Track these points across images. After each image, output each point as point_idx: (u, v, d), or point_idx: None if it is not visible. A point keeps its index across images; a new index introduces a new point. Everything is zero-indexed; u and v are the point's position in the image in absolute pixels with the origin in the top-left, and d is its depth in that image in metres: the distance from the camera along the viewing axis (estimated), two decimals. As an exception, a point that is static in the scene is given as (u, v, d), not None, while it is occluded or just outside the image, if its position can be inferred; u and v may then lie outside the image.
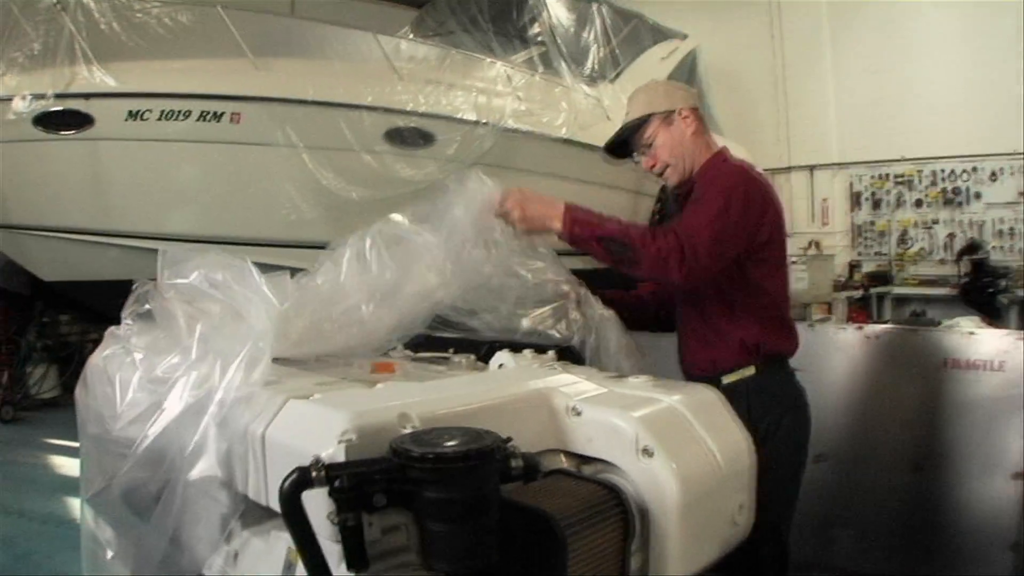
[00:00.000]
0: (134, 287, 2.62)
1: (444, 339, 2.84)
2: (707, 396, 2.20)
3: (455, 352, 2.75)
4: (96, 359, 2.72)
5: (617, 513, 1.81)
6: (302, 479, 1.51)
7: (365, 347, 2.56)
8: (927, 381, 4.59)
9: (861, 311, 13.42)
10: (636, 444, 1.88)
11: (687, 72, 13.88)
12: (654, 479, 1.86)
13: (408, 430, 1.66)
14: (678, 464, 1.87)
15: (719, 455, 2.01)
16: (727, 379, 3.25)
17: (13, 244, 8.69)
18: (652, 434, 1.87)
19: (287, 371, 2.38)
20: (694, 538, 1.93)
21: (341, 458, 1.59)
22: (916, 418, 4.62)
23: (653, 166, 3.49)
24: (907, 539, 4.63)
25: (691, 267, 2.97)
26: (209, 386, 2.06)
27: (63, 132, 8.11)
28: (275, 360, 2.49)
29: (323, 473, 1.50)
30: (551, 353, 2.52)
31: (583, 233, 3.09)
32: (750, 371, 3.27)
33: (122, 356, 2.56)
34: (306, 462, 1.54)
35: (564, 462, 2.01)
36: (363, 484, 1.52)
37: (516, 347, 2.55)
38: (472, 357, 2.65)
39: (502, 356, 2.47)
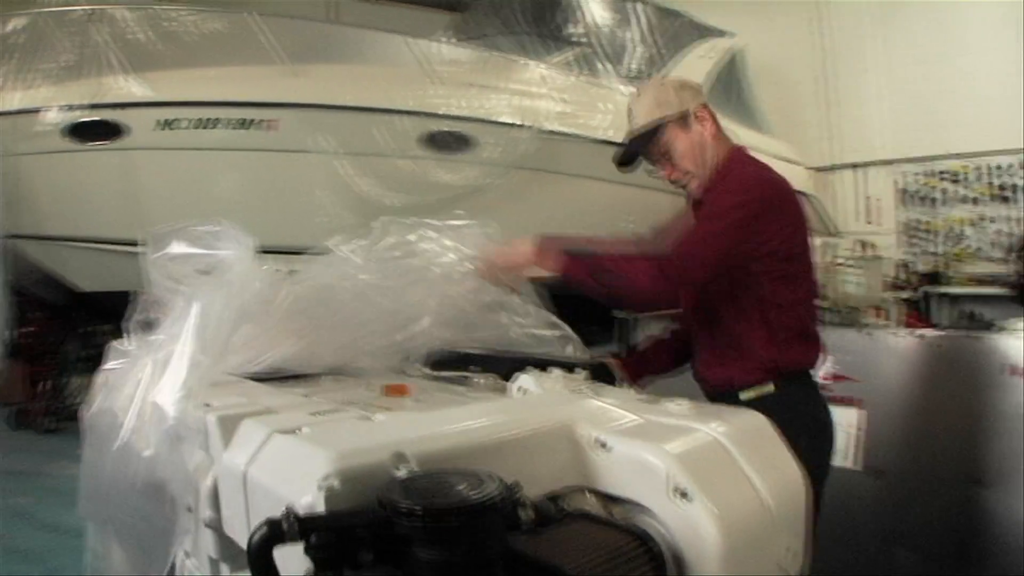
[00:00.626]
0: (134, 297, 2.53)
1: (469, 355, 2.65)
2: (754, 424, 1.92)
3: (478, 370, 2.51)
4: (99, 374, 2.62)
5: (647, 565, 1.56)
6: (272, 533, 1.29)
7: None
8: (987, 389, 4.34)
9: (913, 312, 13.09)
10: (669, 484, 1.61)
11: (730, 70, 13.66)
12: (690, 524, 1.59)
13: (403, 473, 1.42)
14: (718, 507, 1.59)
15: (767, 494, 1.73)
16: (745, 395, 3.03)
17: (49, 255, 8.69)
18: (688, 473, 1.61)
19: (287, 394, 2.23)
20: (737, 589, 1.66)
21: (320, 508, 1.36)
22: (976, 429, 4.36)
23: (673, 176, 3.28)
24: (968, 558, 4.37)
25: (662, 287, 2.91)
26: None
27: (95, 142, 8.06)
28: (282, 379, 2.36)
29: (296, 527, 1.28)
30: (581, 373, 2.26)
31: (569, 264, 2.92)
32: (769, 388, 3.03)
33: (122, 368, 2.45)
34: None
35: (590, 501, 1.76)
36: (345, 540, 1.29)
37: (544, 364, 2.30)
38: (494, 377, 2.40)
39: (524, 379, 2.21)
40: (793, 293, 3.11)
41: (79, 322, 10.47)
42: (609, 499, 1.75)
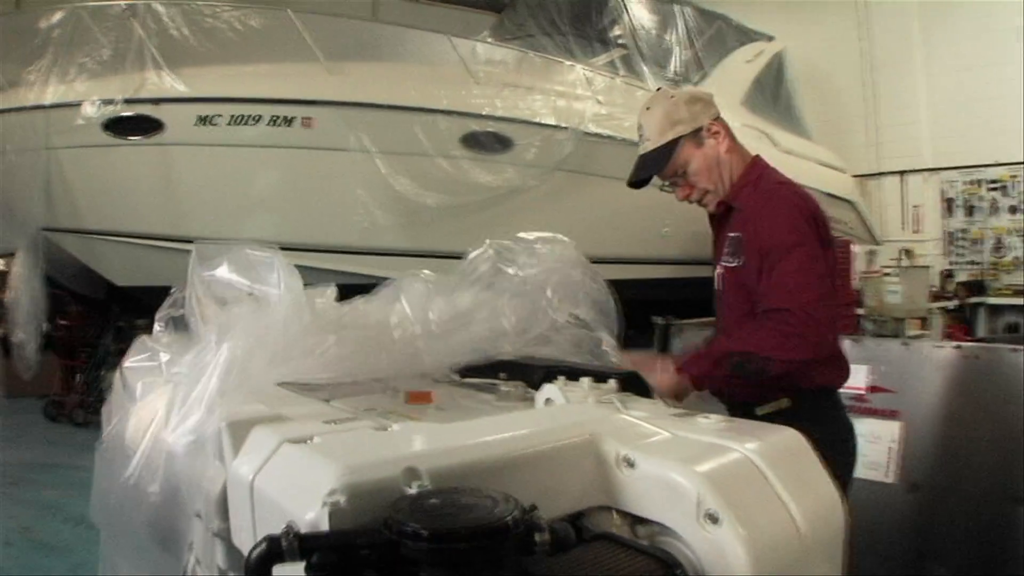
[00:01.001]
0: (172, 291, 2.46)
1: (499, 362, 2.57)
2: (790, 443, 1.80)
3: (506, 378, 2.43)
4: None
5: (672, 594, 1.47)
6: (270, 552, 1.21)
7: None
8: (1030, 405, 4.21)
9: (956, 323, 12.92)
10: (698, 507, 1.51)
11: (774, 75, 13.57)
12: (719, 550, 1.49)
13: (414, 490, 1.34)
14: (749, 532, 1.48)
15: (801, 518, 1.61)
16: (760, 410, 2.93)
17: (86, 249, 8.74)
18: (718, 495, 1.50)
19: (306, 400, 2.15)
20: (768, 622, 1.54)
21: (324, 525, 1.28)
22: (1015, 445, 4.22)
23: (689, 196, 3.22)
24: (1007, 579, 4.23)
25: (814, 340, 2.83)
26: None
27: (133, 137, 8.09)
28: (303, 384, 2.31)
29: (295, 545, 1.20)
30: (612, 383, 2.16)
31: (707, 373, 2.87)
32: (784, 403, 2.94)
33: (146, 364, 2.50)
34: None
35: (616, 522, 1.67)
36: (348, 560, 1.21)
37: (574, 374, 2.20)
38: (523, 386, 2.31)
39: (550, 389, 2.11)
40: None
41: (115, 316, 10.48)
42: (634, 520, 1.66)
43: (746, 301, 3.08)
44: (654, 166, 3.17)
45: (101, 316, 10.92)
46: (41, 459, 9.19)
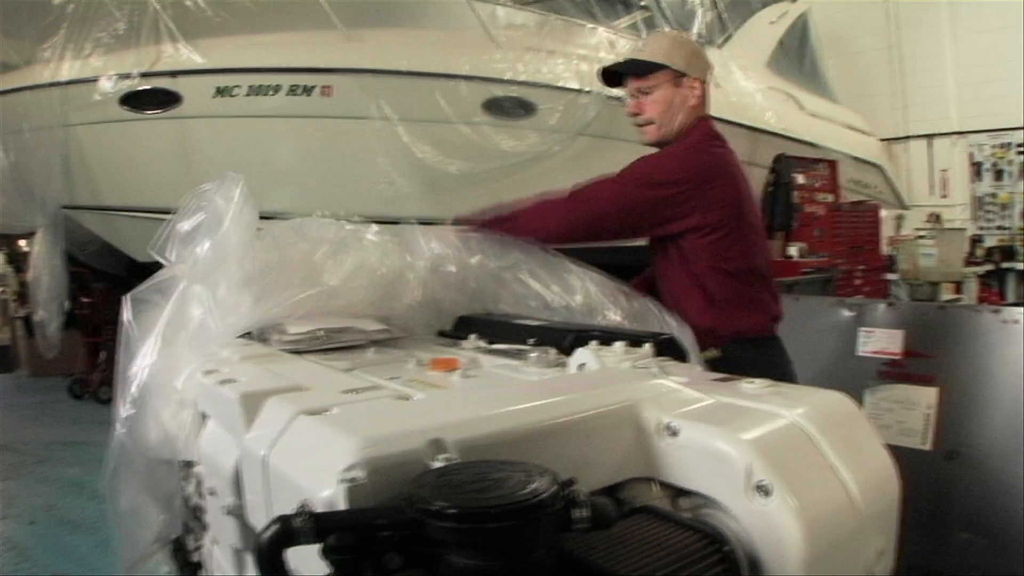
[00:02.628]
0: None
1: (526, 327, 2.48)
2: (841, 408, 1.66)
3: (535, 343, 2.31)
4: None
5: (718, 571, 1.34)
6: (283, 533, 1.09)
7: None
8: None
9: (988, 288, 12.79)
10: (748, 478, 1.39)
11: (798, 36, 13.42)
12: (770, 524, 1.37)
13: (440, 463, 1.23)
14: (801, 503, 1.37)
15: (855, 489, 1.49)
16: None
17: (106, 226, 8.73)
18: (769, 465, 1.38)
19: (325, 369, 2.08)
20: (821, 598, 1.41)
21: (341, 504, 1.17)
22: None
23: (637, 114, 3.48)
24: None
25: (548, 224, 3.20)
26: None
27: (150, 111, 8.03)
28: (325, 351, 2.35)
29: (310, 525, 1.09)
30: (647, 347, 2.05)
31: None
32: (715, 353, 2.99)
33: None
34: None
35: (656, 494, 1.56)
36: (368, 541, 1.10)
37: (606, 338, 2.09)
38: (554, 351, 2.19)
39: (584, 354, 2.00)
40: (730, 263, 3.29)
41: (137, 293, 10.46)
42: (678, 490, 1.55)
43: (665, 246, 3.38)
44: (631, 68, 3.50)
45: (123, 293, 10.91)
46: (66, 437, 9.21)
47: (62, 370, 11.71)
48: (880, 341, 4.58)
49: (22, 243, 15.76)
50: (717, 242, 3.26)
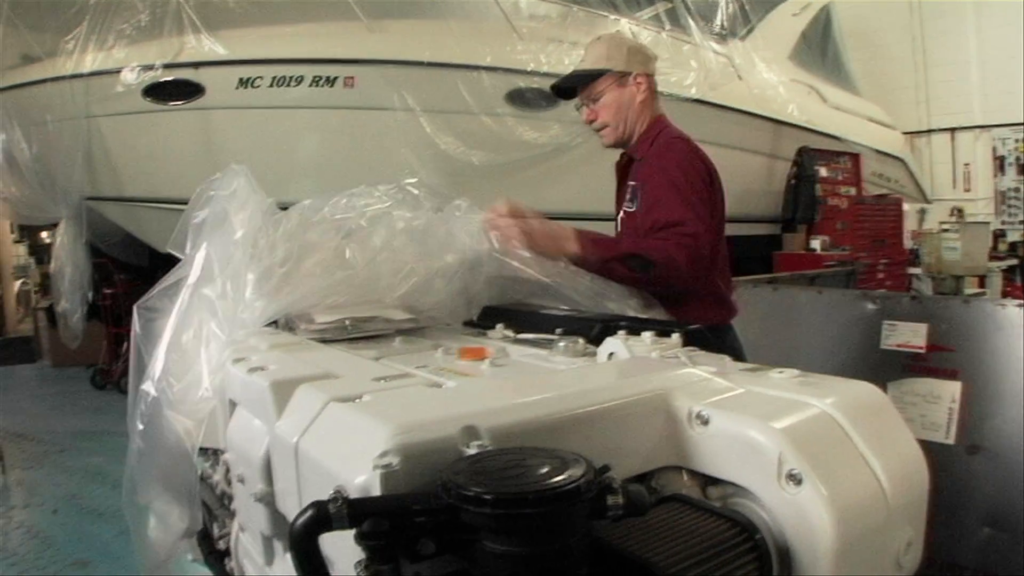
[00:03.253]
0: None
1: (553, 316, 2.49)
2: (870, 398, 1.65)
3: (562, 333, 2.31)
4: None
5: (749, 559, 1.34)
6: (317, 518, 1.10)
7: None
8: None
9: (1012, 283, 12.72)
10: (780, 467, 1.39)
11: (821, 29, 13.38)
12: (801, 513, 1.37)
13: (473, 449, 1.24)
14: (833, 494, 1.36)
15: (886, 479, 1.48)
16: None
17: (129, 216, 8.77)
18: (801, 454, 1.38)
19: (354, 358, 2.07)
20: (848, 589, 1.41)
21: (375, 490, 1.17)
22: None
23: (593, 121, 3.61)
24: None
25: (695, 255, 3.12)
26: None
27: (173, 102, 8.06)
28: (352, 340, 2.36)
29: (345, 511, 1.10)
30: (675, 337, 2.05)
31: (603, 253, 3.07)
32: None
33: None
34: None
35: (686, 482, 1.55)
36: (402, 527, 1.11)
37: (634, 328, 2.09)
38: (581, 341, 2.19)
39: (613, 343, 2.00)
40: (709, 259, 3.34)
41: (160, 284, 10.52)
42: (707, 479, 1.55)
43: None
44: (576, 80, 3.63)
45: (146, 283, 10.96)
46: (88, 427, 9.26)
47: (84, 360, 11.77)
48: (904, 335, 4.57)
49: (44, 235, 15.89)
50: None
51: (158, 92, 8.05)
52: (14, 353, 14.59)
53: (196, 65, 7.99)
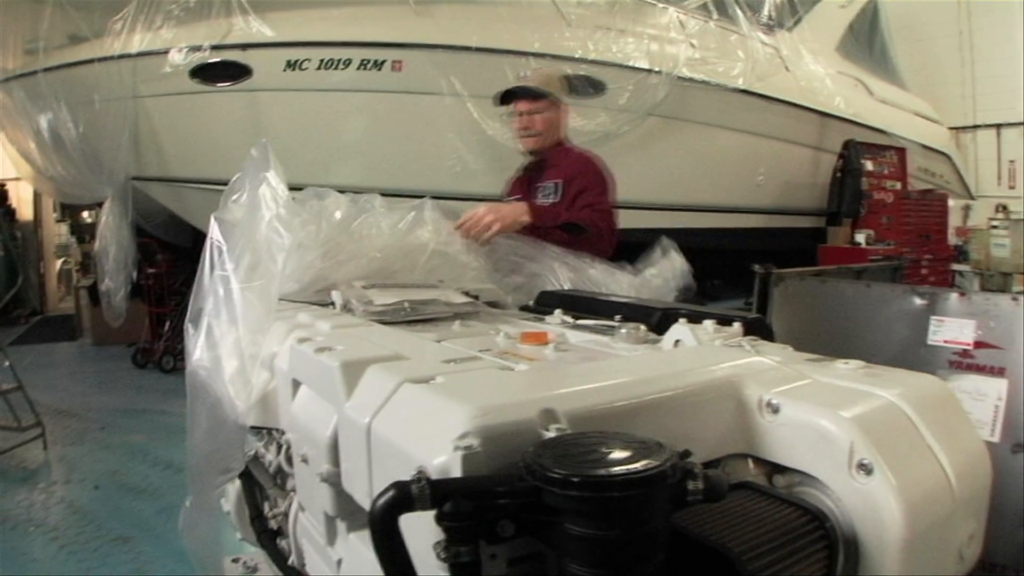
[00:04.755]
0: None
1: (612, 303, 2.50)
2: (936, 390, 1.66)
3: (623, 319, 2.31)
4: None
5: (820, 547, 1.35)
6: (399, 499, 1.11)
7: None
8: None
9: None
10: (850, 456, 1.39)
11: (868, 21, 13.24)
12: (871, 503, 1.37)
13: (551, 433, 1.24)
14: (902, 484, 1.37)
15: (952, 471, 1.49)
16: None
17: (174, 197, 8.79)
18: (871, 443, 1.38)
19: (417, 340, 2.08)
20: (914, 580, 1.40)
21: (456, 472, 1.18)
22: None
23: (527, 128, 4.37)
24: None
25: (612, 227, 4.12)
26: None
27: (220, 84, 8.07)
28: (410, 323, 2.38)
29: (427, 492, 1.11)
30: (736, 326, 2.05)
31: (549, 221, 3.89)
32: None
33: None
34: (414, 471, 1.15)
35: (752, 470, 1.56)
36: (483, 509, 1.12)
37: (693, 317, 2.09)
38: (643, 328, 2.19)
39: (680, 330, 1.99)
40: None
41: (202, 264, 10.57)
42: (772, 467, 1.55)
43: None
44: (529, 93, 4.39)
45: (189, 264, 11.00)
46: (129, 404, 9.31)
47: (125, 339, 11.84)
48: (951, 330, 4.53)
49: (85, 215, 16.00)
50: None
51: (205, 73, 8.05)
52: (56, 331, 14.70)
53: (244, 47, 7.99)
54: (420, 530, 1.17)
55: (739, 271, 6.61)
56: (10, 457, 7.17)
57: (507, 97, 4.51)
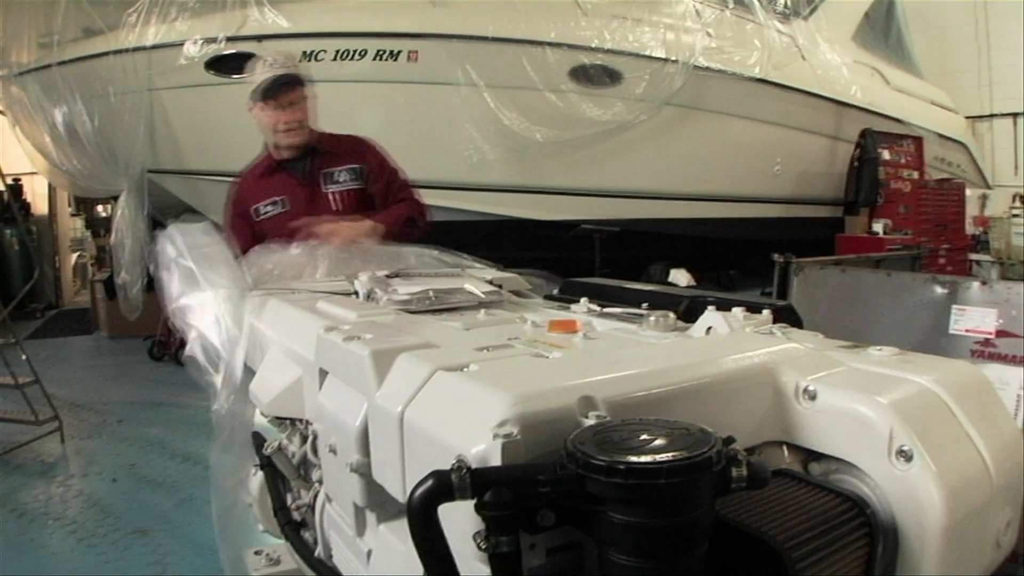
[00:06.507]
0: None
1: (638, 291, 2.49)
2: (972, 377, 1.63)
3: (650, 307, 2.28)
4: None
5: (861, 535, 1.33)
6: (439, 488, 1.09)
7: None
8: None
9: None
10: (890, 443, 1.38)
11: (884, 10, 13.18)
12: (911, 490, 1.35)
13: (591, 420, 1.22)
14: (942, 471, 1.35)
15: (990, 458, 1.47)
16: None
17: (190, 189, 8.77)
18: (911, 430, 1.37)
19: (445, 328, 2.09)
20: (954, 566, 1.39)
21: (496, 460, 1.16)
22: None
23: (300, 119, 4.03)
24: None
25: (427, 212, 4.25)
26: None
27: (236, 76, 8.05)
28: (436, 311, 2.39)
29: (468, 481, 1.09)
30: (766, 313, 2.03)
31: (394, 223, 3.88)
32: None
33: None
34: (450, 460, 1.13)
35: (787, 458, 1.54)
36: (524, 498, 1.10)
37: (721, 304, 2.07)
38: (672, 316, 2.16)
39: (712, 317, 1.97)
40: None
41: (218, 257, 10.58)
42: (808, 454, 1.53)
43: (368, 209, 4.03)
44: (297, 81, 4.05)
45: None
46: (146, 397, 9.32)
47: (140, 332, 11.84)
48: (973, 319, 4.51)
49: (100, 209, 16.03)
50: None
51: (221, 65, 8.06)
52: (71, 325, 14.74)
53: (259, 38, 7.98)
54: (457, 521, 1.16)
55: (756, 261, 6.59)
56: (28, 450, 7.20)
57: (270, 91, 3.95)
